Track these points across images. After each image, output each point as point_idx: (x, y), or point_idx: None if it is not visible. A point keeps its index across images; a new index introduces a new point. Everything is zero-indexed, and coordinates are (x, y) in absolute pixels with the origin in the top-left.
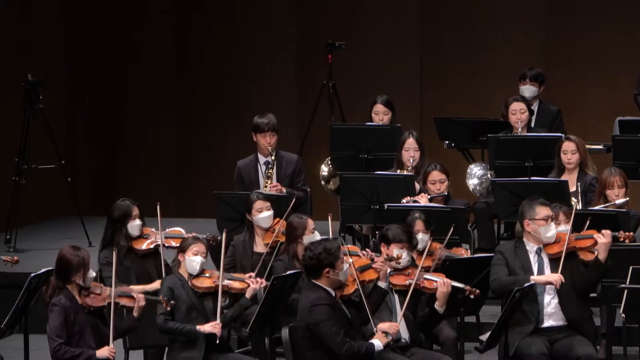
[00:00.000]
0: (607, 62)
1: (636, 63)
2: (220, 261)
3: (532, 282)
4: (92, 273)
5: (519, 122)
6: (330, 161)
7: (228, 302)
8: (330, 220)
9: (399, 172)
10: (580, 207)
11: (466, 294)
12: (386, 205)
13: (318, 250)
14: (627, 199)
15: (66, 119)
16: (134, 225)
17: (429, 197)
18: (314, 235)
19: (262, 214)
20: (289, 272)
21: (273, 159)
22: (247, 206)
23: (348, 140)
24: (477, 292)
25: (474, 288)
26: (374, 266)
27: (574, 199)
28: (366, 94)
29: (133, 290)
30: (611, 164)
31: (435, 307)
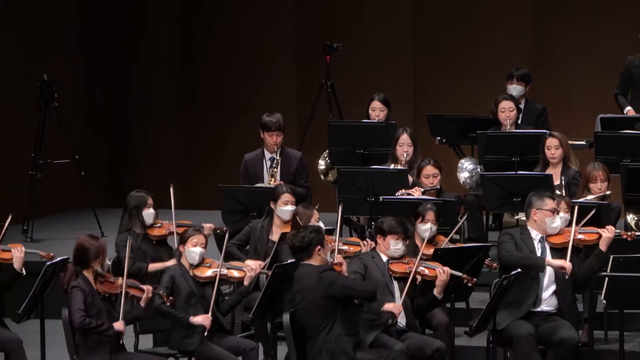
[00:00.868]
0: (590, 63)
1: (617, 64)
2: (221, 253)
3: (518, 271)
4: (107, 262)
5: (508, 119)
6: (327, 155)
7: (232, 289)
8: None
9: (393, 166)
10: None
11: (464, 282)
12: (381, 198)
13: (307, 231)
14: (609, 192)
15: (79, 116)
16: (149, 214)
17: (423, 190)
18: (318, 225)
19: (287, 207)
20: (290, 261)
21: (278, 157)
22: (275, 196)
23: (345, 137)
24: (474, 280)
25: (470, 277)
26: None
27: (557, 191)
28: (362, 93)
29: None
30: (593, 159)
31: (435, 293)
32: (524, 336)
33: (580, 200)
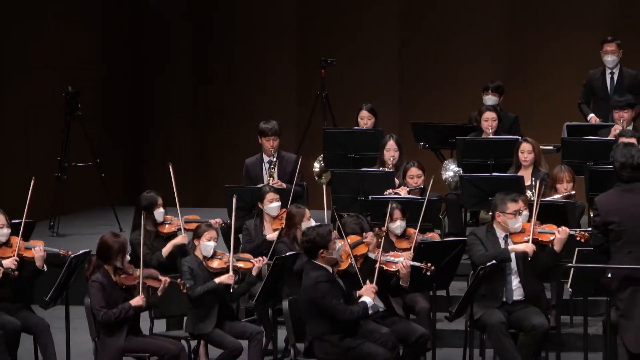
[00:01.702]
0: (557, 76)
1: (580, 77)
2: (231, 242)
3: (493, 262)
4: (127, 257)
5: (490, 127)
6: (322, 159)
7: (239, 278)
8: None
9: (381, 169)
10: (534, 198)
11: (423, 271)
12: (370, 197)
13: (312, 235)
14: (574, 192)
15: (100, 123)
16: (159, 213)
17: (408, 189)
18: (309, 222)
19: (272, 204)
20: (288, 253)
21: (275, 159)
22: (260, 197)
23: (338, 142)
24: (432, 267)
25: (428, 264)
26: (364, 241)
27: (528, 191)
28: (353, 102)
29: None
30: (560, 162)
31: (401, 284)
32: (496, 324)
33: (548, 199)
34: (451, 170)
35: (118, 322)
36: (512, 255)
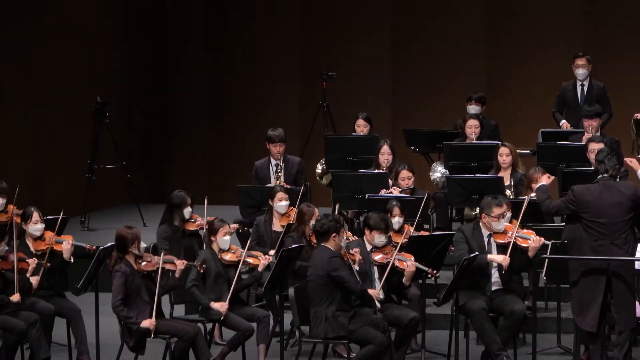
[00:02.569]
0: (533, 88)
1: (553, 89)
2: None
3: (476, 254)
4: (144, 245)
5: (473, 134)
6: (324, 162)
7: (248, 269)
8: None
9: (376, 170)
10: (512, 197)
11: (428, 275)
12: (367, 195)
13: (329, 219)
14: None
15: (126, 130)
16: (188, 211)
17: (400, 189)
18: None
19: (281, 203)
20: (294, 246)
21: (281, 163)
22: (271, 195)
23: (338, 147)
24: (436, 274)
25: (434, 270)
26: (351, 252)
27: (507, 191)
28: (351, 111)
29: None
30: (536, 164)
31: (403, 281)
32: (478, 310)
33: (524, 198)
34: (439, 171)
35: (124, 319)
36: (494, 252)
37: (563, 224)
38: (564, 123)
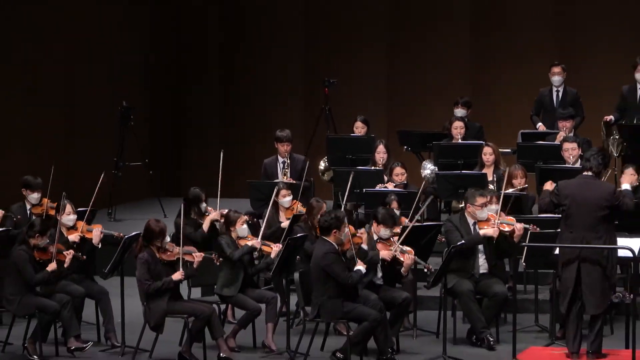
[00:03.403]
0: (513, 94)
1: (531, 93)
2: (260, 232)
3: (462, 242)
4: (168, 238)
5: (458, 135)
6: (326, 160)
7: (262, 255)
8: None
9: (373, 168)
10: (497, 193)
11: (425, 270)
12: (364, 190)
13: (331, 216)
14: (527, 185)
15: (148, 132)
16: (203, 206)
17: (394, 184)
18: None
19: (286, 198)
20: (299, 235)
21: (288, 161)
22: (276, 192)
23: (339, 146)
24: (432, 269)
25: (430, 266)
26: (358, 234)
27: (490, 186)
28: (351, 114)
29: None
30: (516, 162)
31: (402, 271)
32: (465, 292)
33: (506, 192)
34: (429, 168)
35: (161, 291)
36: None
37: (541, 215)
38: (540, 126)
